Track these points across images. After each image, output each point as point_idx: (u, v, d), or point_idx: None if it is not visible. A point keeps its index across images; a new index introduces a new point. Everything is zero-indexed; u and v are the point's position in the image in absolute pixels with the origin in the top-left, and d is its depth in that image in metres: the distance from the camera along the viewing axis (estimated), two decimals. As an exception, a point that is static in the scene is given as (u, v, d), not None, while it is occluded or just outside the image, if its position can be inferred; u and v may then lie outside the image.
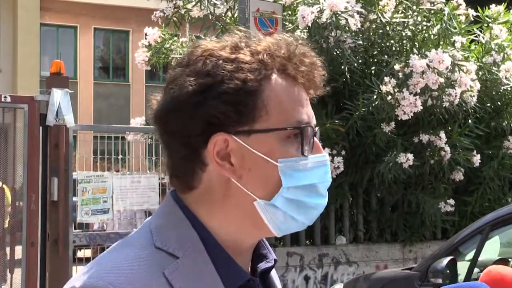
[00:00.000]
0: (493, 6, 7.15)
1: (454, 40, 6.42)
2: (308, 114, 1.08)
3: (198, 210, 1.07)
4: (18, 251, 5.06)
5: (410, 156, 6.06)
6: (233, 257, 1.07)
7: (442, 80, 5.89)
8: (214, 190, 1.06)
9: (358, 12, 6.02)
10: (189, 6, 7.15)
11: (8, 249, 5.07)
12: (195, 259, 1.03)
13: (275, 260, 1.17)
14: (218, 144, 1.04)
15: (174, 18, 7.24)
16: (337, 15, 5.82)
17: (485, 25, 7.15)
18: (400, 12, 6.59)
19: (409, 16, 6.57)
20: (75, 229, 5.47)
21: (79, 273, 1.03)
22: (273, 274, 1.21)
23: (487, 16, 7.11)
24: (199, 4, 7.04)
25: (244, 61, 1.05)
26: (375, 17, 6.38)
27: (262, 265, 1.14)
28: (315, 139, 1.09)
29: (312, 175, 1.07)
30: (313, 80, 1.10)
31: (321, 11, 5.82)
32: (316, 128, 1.10)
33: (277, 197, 1.05)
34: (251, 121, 1.04)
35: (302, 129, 1.06)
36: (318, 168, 1.08)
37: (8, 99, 5.12)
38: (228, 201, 1.06)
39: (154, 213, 1.12)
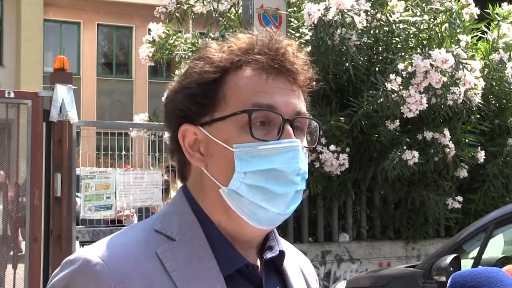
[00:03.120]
0: (504, 4, 7.12)
1: (459, 39, 6.39)
2: (276, 100, 1.09)
3: (197, 198, 1.14)
4: (21, 247, 5.06)
5: (416, 153, 6.05)
6: (233, 244, 1.11)
7: (445, 79, 5.88)
8: (197, 181, 1.14)
9: (365, 11, 6.00)
10: (191, 1, 7.14)
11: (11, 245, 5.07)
12: (192, 243, 1.08)
13: (282, 252, 1.18)
14: (188, 136, 1.13)
15: (177, 14, 7.22)
16: (343, 13, 5.80)
17: (495, 22, 7.13)
18: (408, 9, 6.57)
19: (417, 14, 6.54)
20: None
21: (80, 249, 1.10)
22: (291, 267, 1.21)
23: (497, 14, 7.09)
24: (201, -1, 7.03)
25: (210, 57, 1.13)
26: (383, 17, 6.35)
27: (267, 256, 1.16)
28: (287, 126, 1.09)
29: (274, 160, 1.08)
30: (286, 68, 1.12)
31: (327, 9, 5.80)
32: (298, 117, 1.11)
33: (233, 182, 1.08)
34: (211, 111, 1.11)
35: (249, 112, 1.07)
36: (283, 153, 1.09)
37: (12, 95, 5.12)
38: (206, 191, 1.12)
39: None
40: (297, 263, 1.26)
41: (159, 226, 1.10)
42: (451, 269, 3.99)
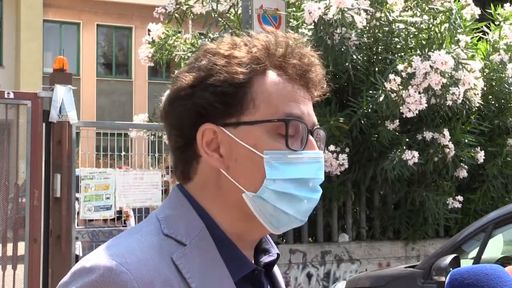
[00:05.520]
0: (507, 5, 7.13)
1: (458, 39, 6.40)
2: (302, 111, 1.10)
3: (201, 200, 1.10)
4: (21, 247, 5.06)
5: (415, 153, 6.05)
6: (237, 245, 1.09)
7: (444, 80, 5.89)
8: (208, 181, 1.10)
9: (364, 10, 6.01)
10: (191, 2, 7.14)
11: (11, 246, 5.07)
12: (201, 247, 1.05)
13: (278, 255, 1.18)
14: (207, 135, 1.08)
15: (176, 15, 7.23)
16: (343, 12, 5.81)
17: (496, 23, 7.13)
18: (408, 9, 6.58)
19: (417, 15, 6.55)
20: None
21: (88, 255, 1.04)
22: (276, 270, 1.22)
23: (499, 14, 7.10)
24: (200, 0, 7.03)
25: (236, 56, 1.09)
26: (383, 15, 6.35)
27: (265, 259, 1.16)
28: (310, 136, 1.10)
29: (302, 170, 1.08)
30: (311, 79, 1.12)
31: (327, 7, 5.81)
32: (316, 127, 1.12)
33: (263, 189, 1.06)
34: (238, 113, 1.07)
35: (287, 121, 1.07)
36: (310, 164, 1.10)
37: (11, 96, 5.12)
38: (221, 193, 1.09)
39: (161, 204, 1.15)
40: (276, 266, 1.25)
41: (168, 230, 1.05)
42: (451, 269, 3.99)
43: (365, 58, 6.55)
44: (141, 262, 0.99)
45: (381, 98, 5.96)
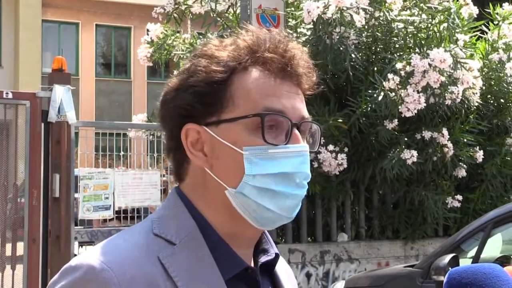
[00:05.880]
0: (505, 4, 7.14)
1: (457, 38, 6.40)
2: (284, 105, 1.09)
3: (194, 200, 1.12)
4: (20, 248, 5.06)
5: (415, 152, 6.05)
6: (232, 247, 1.09)
7: (443, 79, 5.89)
8: (198, 181, 1.12)
9: (363, 9, 6.01)
10: (189, 2, 7.14)
11: (10, 246, 5.07)
12: (191, 246, 1.06)
13: (277, 254, 1.18)
14: (191, 135, 1.10)
15: (175, 14, 7.23)
16: (342, 11, 5.81)
17: (495, 23, 7.14)
18: (407, 8, 6.58)
19: (415, 14, 6.55)
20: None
21: (78, 256, 1.07)
22: (280, 270, 1.21)
23: (497, 14, 7.11)
24: (199, 0, 7.03)
25: (216, 56, 1.11)
26: (381, 14, 6.35)
27: (263, 259, 1.16)
28: (295, 130, 1.09)
29: (284, 164, 1.08)
30: (293, 72, 1.11)
31: (326, 7, 5.81)
32: (304, 121, 1.11)
33: (242, 184, 1.07)
34: (219, 111, 1.09)
35: (262, 116, 1.06)
36: (293, 158, 1.09)
37: (10, 96, 5.11)
38: (208, 193, 1.10)
39: (159, 205, 1.16)
40: (283, 266, 1.25)
41: (158, 229, 1.07)
42: (449, 268, 3.99)
43: (364, 57, 6.55)
44: (124, 260, 1.01)
45: (380, 98, 5.96)
